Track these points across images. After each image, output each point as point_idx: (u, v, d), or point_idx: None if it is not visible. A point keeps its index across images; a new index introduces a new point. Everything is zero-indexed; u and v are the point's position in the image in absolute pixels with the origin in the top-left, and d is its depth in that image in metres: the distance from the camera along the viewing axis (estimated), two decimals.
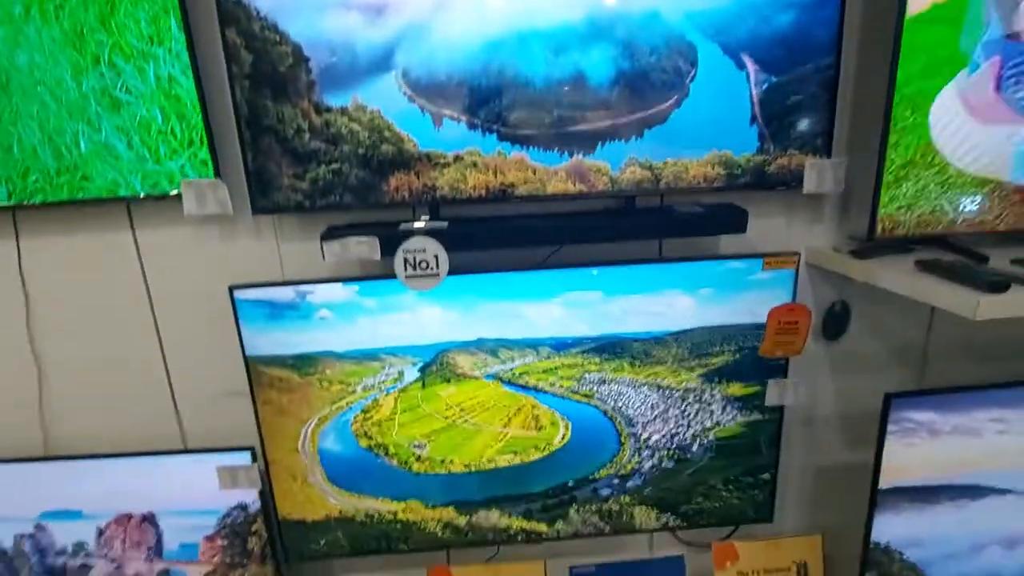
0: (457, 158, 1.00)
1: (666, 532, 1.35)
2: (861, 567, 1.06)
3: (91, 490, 1.14)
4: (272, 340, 1.07)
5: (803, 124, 1.03)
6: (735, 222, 1.01)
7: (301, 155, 1.00)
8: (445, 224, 1.02)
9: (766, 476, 1.24)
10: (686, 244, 1.16)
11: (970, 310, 0.81)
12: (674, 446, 1.20)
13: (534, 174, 1.02)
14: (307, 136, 0.98)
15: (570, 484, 1.20)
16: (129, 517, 1.17)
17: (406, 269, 0.98)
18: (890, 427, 0.99)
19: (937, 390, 0.99)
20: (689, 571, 1.38)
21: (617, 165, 1.02)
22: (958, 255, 1.03)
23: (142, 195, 1.03)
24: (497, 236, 1.02)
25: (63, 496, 1.14)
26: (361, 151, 0.99)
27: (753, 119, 1.03)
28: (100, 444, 1.20)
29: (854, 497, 1.32)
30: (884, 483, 1.02)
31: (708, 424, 1.20)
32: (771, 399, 1.17)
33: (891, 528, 1.06)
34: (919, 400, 0.98)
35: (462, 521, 1.20)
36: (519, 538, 1.22)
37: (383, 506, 1.18)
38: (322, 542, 1.20)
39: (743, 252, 1.10)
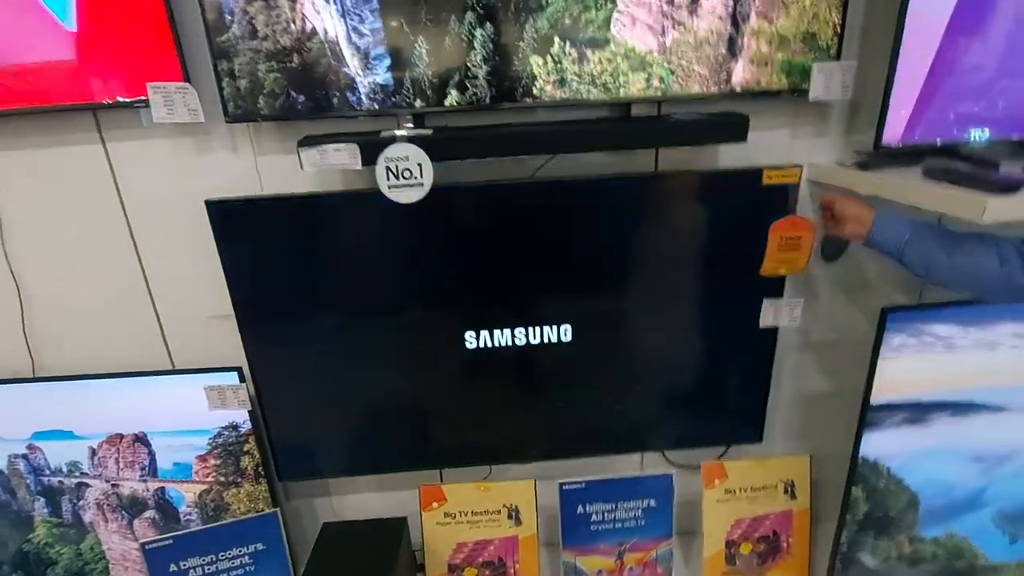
0: None
1: (656, 454, 1.37)
2: (848, 478, 1.07)
3: (81, 411, 1.14)
4: None
5: None
6: (736, 129, 0.96)
7: (273, 52, 0.94)
8: (430, 132, 0.97)
9: (757, 397, 1.24)
10: (684, 159, 1.11)
11: (977, 212, 0.77)
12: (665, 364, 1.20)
13: None
14: (280, 30, 0.92)
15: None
16: (120, 437, 1.18)
17: (389, 179, 0.93)
18: (885, 343, 0.97)
19: (933, 305, 0.97)
20: (680, 492, 1.41)
21: None
22: (968, 163, 0.98)
23: (108, 102, 0.98)
24: (484, 145, 0.96)
25: (54, 417, 1.14)
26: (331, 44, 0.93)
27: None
28: (88, 366, 1.19)
29: (844, 423, 1.33)
30: (875, 399, 1.01)
31: (701, 344, 1.19)
32: (765, 319, 1.15)
33: (880, 444, 1.06)
34: (915, 315, 0.96)
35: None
36: (509, 458, 1.23)
37: None
38: (316, 461, 1.22)
39: (743, 166, 1.06)
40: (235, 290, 1.06)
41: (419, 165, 0.92)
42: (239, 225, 1.03)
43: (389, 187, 0.94)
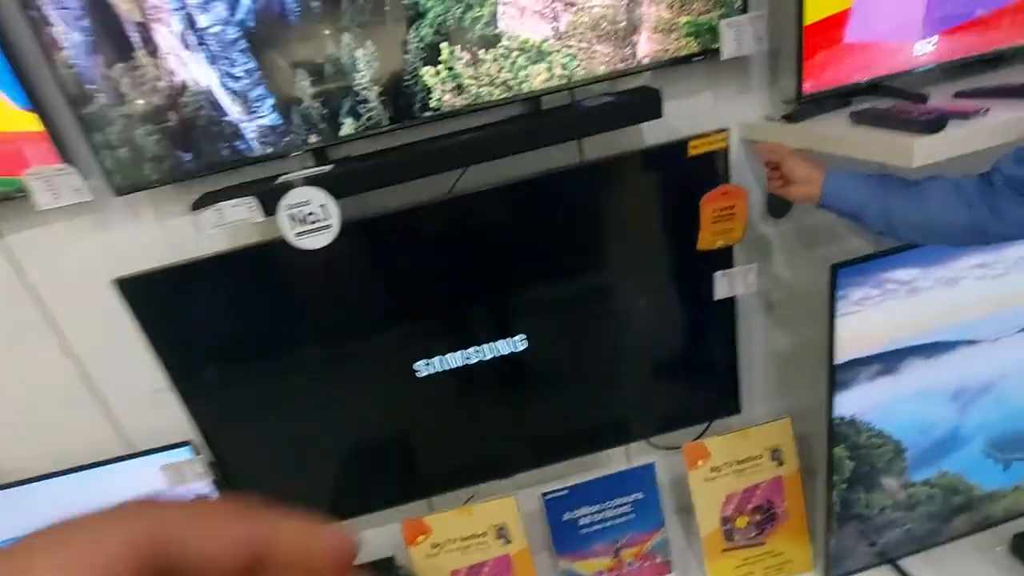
0: None
1: (639, 442, 1.34)
2: (828, 444, 1.04)
3: (37, 514, 1.10)
4: None
5: None
6: (648, 106, 0.90)
7: (147, 114, 0.88)
8: (329, 167, 0.91)
9: (728, 369, 1.21)
10: (610, 143, 1.05)
11: (905, 157, 0.72)
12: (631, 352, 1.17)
13: None
14: (148, 90, 0.86)
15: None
16: None
17: (294, 227, 0.88)
18: (840, 298, 0.93)
19: (885, 252, 0.92)
20: (672, 472, 1.39)
21: None
22: (898, 99, 0.93)
23: None
24: (388, 172, 0.91)
25: (7, 525, 1.10)
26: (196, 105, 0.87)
27: None
28: (38, 468, 1.14)
29: (820, 373, 1.30)
30: (842, 357, 0.98)
31: (662, 327, 1.15)
32: (720, 291, 1.11)
33: (855, 401, 1.03)
34: (869, 266, 0.92)
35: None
36: (490, 475, 1.20)
37: None
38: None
39: (667, 140, 1.00)
40: (166, 362, 1.02)
41: (322, 207, 0.87)
42: (153, 297, 0.97)
43: (296, 235, 0.88)
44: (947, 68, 0.98)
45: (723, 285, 1.11)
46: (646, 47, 0.95)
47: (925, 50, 0.94)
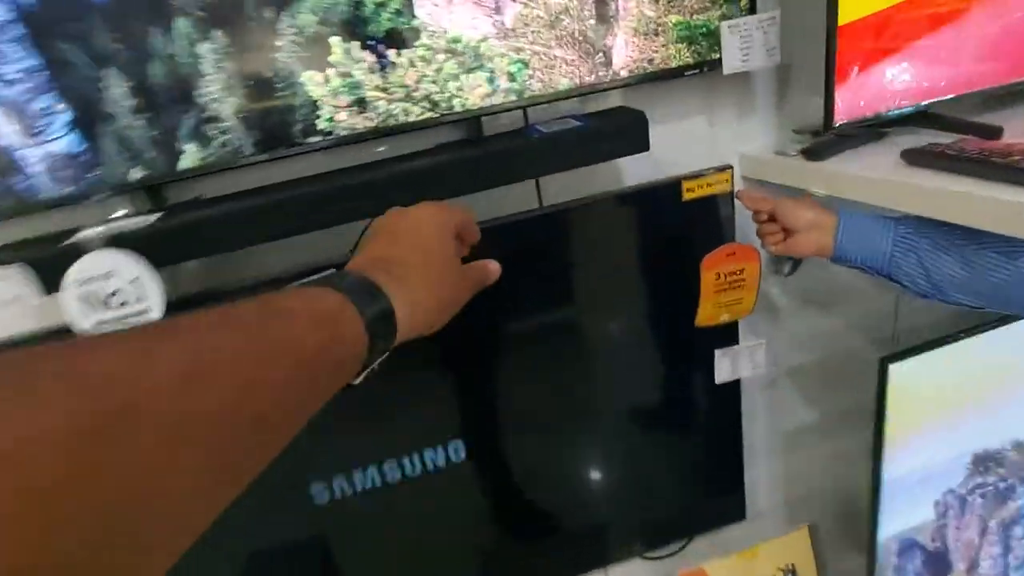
0: None
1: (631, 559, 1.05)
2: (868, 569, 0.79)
3: None
4: None
5: None
6: (630, 137, 0.64)
7: None
8: (154, 217, 0.60)
9: (730, 467, 0.95)
10: (579, 179, 0.79)
11: (1019, 222, 0.49)
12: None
13: None
14: None
15: None
16: None
17: (88, 312, 0.56)
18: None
19: (939, 340, 0.69)
20: None
21: None
22: (954, 132, 0.71)
23: None
24: (248, 222, 0.61)
25: None
26: None
27: None
28: None
29: (837, 457, 1.06)
30: (890, 472, 0.73)
31: (648, 421, 0.88)
32: (721, 375, 0.86)
33: (906, 518, 0.78)
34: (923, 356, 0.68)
35: None
36: None
37: None
38: None
39: (651, 181, 0.75)
40: None
41: (134, 282, 0.56)
42: None
43: (94, 324, 0.57)
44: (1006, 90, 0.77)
45: (725, 366, 0.85)
46: (624, 55, 0.69)
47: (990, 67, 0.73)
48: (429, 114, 0.66)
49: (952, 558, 0.81)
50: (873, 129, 0.76)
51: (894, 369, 0.66)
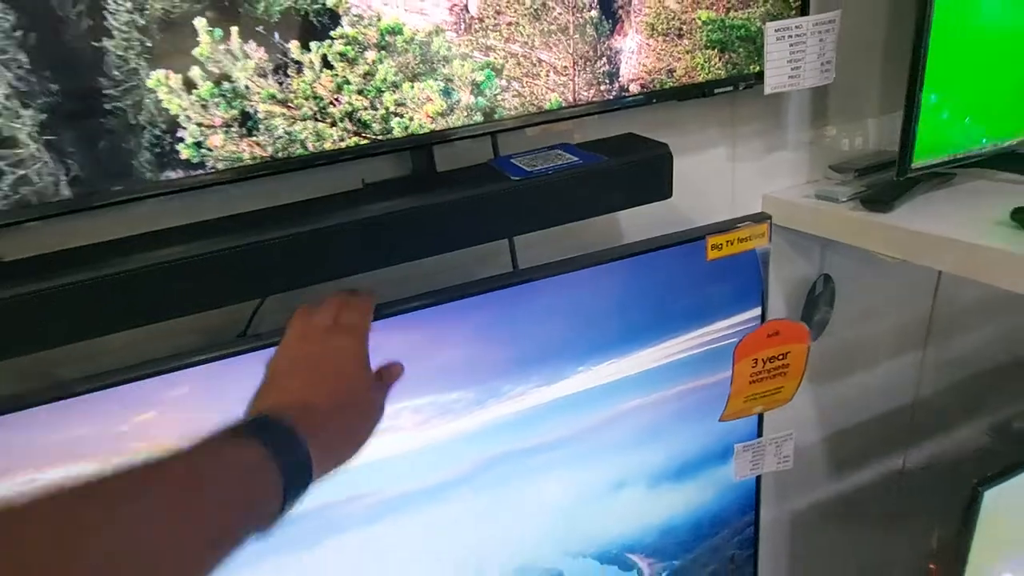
0: None
1: None
2: None
3: None
4: None
5: None
6: (647, 180, 0.45)
7: None
8: None
9: (744, 571, 0.77)
10: (559, 230, 0.58)
11: None
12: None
13: None
14: None
15: None
16: None
17: None
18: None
19: None
20: None
21: None
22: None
23: None
24: (62, 308, 0.38)
25: None
26: None
27: None
28: None
29: (853, 541, 0.91)
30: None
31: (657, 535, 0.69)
32: (741, 471, 0.68)
33: None
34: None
35: None
36: None
37: None
38: None
39: (660, 230, 0.55)
40: None
41: None
42: None
43: None
44: None
45: (745, 463, 0.67)
46: (635, 63, 0.50)
47: None
48: (354, 140, 0.44)
49: None
50: (936, 172, 0.59)
51: (990, 496, 0.50)
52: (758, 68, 0.53)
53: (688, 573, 0.72)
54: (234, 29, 0.40)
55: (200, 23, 0.39)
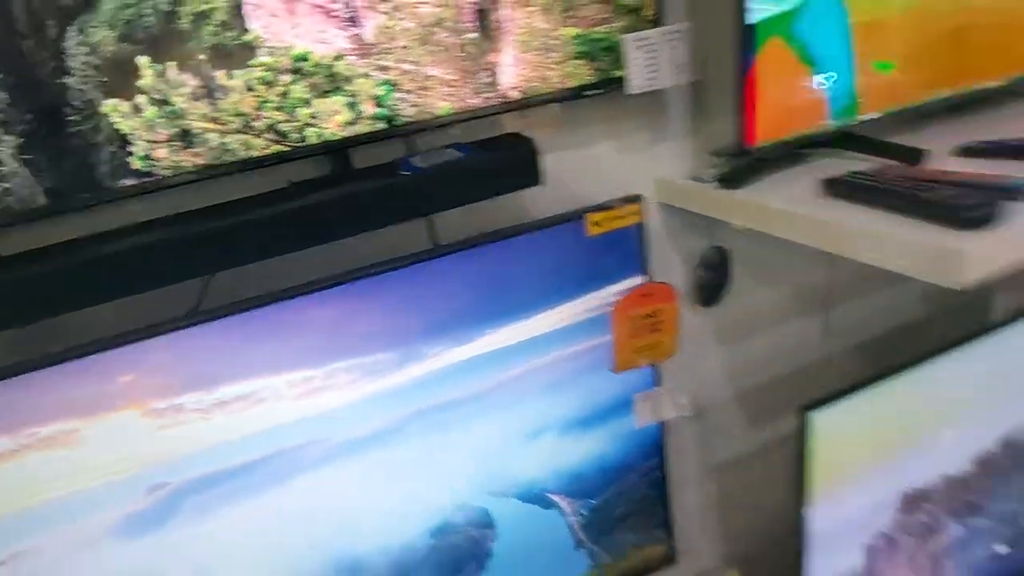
0: None
1: None
2: None
3: None
4: None
5: None
6: (518, 169, 0.55)
7: None
8: None
9: (656, 509, 0.89)
10: (480, 213, 0.69)
11: (951, 272, 0.42)
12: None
13: None
14: None
15: None
16: None
17: None
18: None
19: (857, 385, 0.63)
20: None
21: None
22: (875, 155, 0.66)
23: None
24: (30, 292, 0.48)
25: None
26: None
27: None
28: None
29: (771, 486, 1.02)
30: (818, 524, 0.68)
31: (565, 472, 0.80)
32: (642, 418, 0.79)
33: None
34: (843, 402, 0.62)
35: None
36: None
37: None
38: None
39: (558, 209, 0.66)
40: None
41: None
42: None
43: None
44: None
45: (646, 410, 0.78)
46: (513, 73, 0.60)
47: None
48: (277, 148, 0.54)
49: None
50: (793, 151, 0.70)
51: (816, 417, 0.60)
52: (622, 73, 0.63)
53: (604, 510, 0.83)
54: (171, 63, 0.50)
55: (143, 60, 0.49)
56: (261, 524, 0.67)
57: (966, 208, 0.42)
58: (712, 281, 0.85)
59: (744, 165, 0.68)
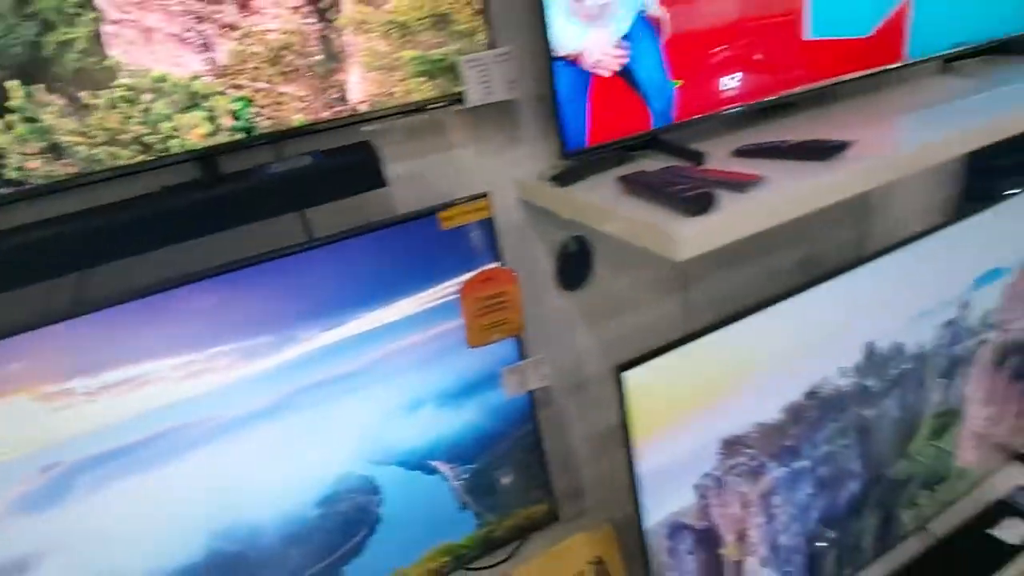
0: None
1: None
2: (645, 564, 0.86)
3: None
4: None
5: None
6: (363, 173, 0.65)
7: None
8: None
9: (536, 472, 0.99)
10: (353, 210, 0.78)
11: (669, 248, 0.55)
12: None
13: None
14: None
15: None
16: None
17: None
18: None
19: (672, 345, 0.75)
20: None
21: None
22: (675, 156, 0.78)
23: None
24: None
25: None
26: None
27: None
28: None
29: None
30: (647, 465, 0.80)
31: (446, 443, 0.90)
32: (511, 389, 0.89)
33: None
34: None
35: None
36: None
37: None
38: None
39: (409, 211, 0.76)
40: None
41: None
42: None
43: None
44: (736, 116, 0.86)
45: (513, 382, 0.89)
46: (361, 89, 0.69)
47: (730, 86, 0.81)
48: (143, 157, 0.62)
49: (721, 532, 0.91)
50: (622, 153, 0.82)
51: (629, 376, 0.72)
52: (461, 89, 0.73)
53: (485, 474, 0.93)
54: (40, 86, 0.57)
55: (13, 84, 0.56)
56: (154, 499, 0.74)
57: (688, 200, 0.55)
58: (573, 267, 0.97)
59: (576, 165, 0.80)
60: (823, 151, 0.63)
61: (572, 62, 0.73)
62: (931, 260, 0.99)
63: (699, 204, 0.55)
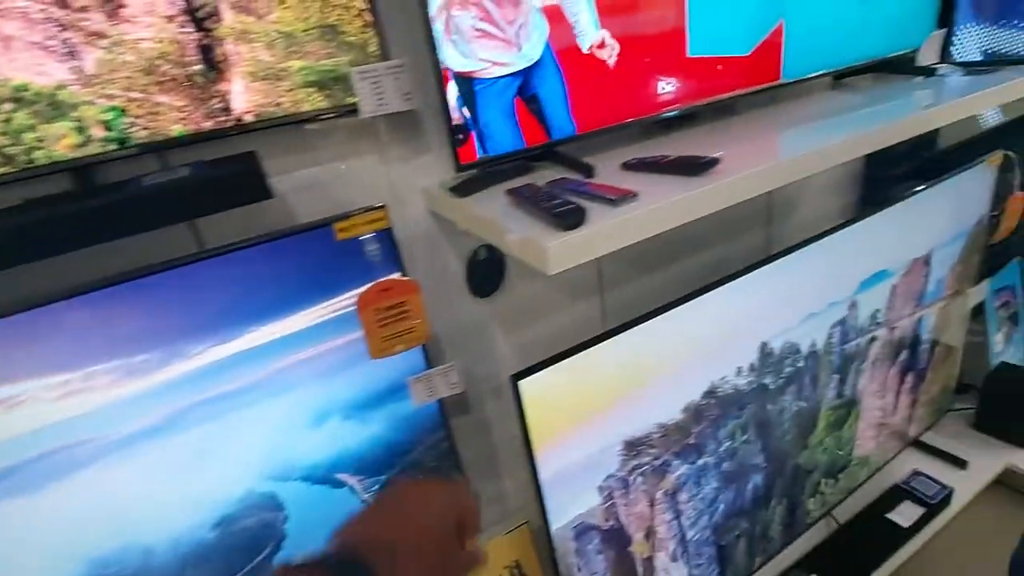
0: None
1: None
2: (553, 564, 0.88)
3: None
4: None
5: None
6: (243, 185, 0.64)
7: None
8: None
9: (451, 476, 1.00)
10: (250, 219, 0.76)
11: (543, 264, 0.56)
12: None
13: None
14: None
15: None
16: None
17: None
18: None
19: (559, 356, 0.78)
20: None
21: None
22: (569, 168, 0.81)
23: None
24: None
25: None
26: None
27: None
28: None
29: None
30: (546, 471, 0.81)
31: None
32: (419, 398, 0.89)
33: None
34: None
35: None
36: None
37: None
38: None
39: (304, 223, 0.75)
40: None
41: None
42: None
43: None
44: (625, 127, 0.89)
45: (421, 392, 0.89)
46: (245, 100, 0.68)
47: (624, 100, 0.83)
48: (5, 168, 0.59)
49: (629, 531, 0.94)
50: (526, 163, 0.84)
51: (525, 384, 0.74)
52: (355, 100, 0.73)
53: None
54: None
55: None
56: (39, 522, 0.70)
57: (559, 215, 0.57)
58: (485, 274, 0.98)
59: (477, 176, 0.81)
60: (695, 167, 0.66)
61: (466, 77, 0.75)
62: (823, 263, 1.06)
63: (570, 219, 0.57)
